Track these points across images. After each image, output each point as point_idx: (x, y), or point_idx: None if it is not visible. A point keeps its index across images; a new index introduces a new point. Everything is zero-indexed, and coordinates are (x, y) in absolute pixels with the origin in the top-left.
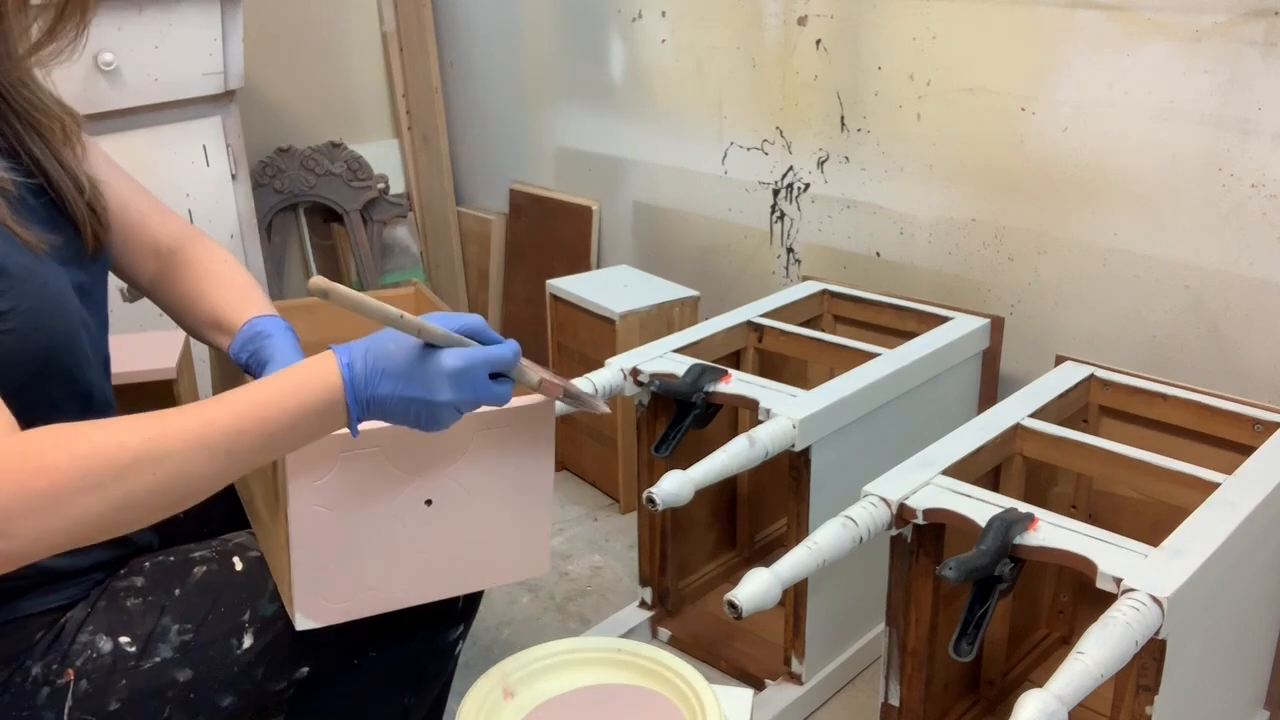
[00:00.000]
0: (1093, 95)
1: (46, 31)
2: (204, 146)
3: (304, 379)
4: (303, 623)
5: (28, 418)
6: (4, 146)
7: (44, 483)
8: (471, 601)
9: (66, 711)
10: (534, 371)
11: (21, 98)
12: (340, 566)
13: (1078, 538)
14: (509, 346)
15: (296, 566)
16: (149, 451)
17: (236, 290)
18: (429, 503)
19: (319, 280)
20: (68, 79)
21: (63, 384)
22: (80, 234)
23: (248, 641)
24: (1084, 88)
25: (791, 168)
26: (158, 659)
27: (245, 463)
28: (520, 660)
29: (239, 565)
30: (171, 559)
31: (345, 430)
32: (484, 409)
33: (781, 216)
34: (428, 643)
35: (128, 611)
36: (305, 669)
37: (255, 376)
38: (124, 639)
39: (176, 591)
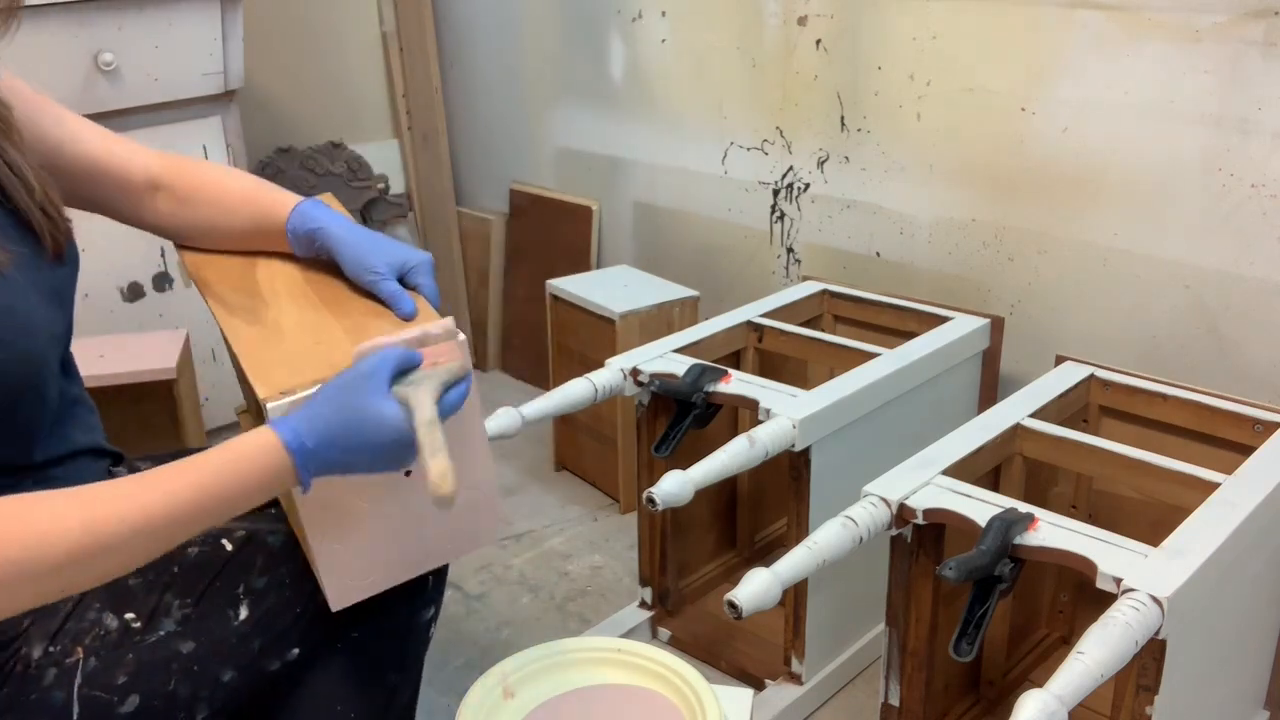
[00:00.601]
0: (1093, 95)
1: None
2: (204, 146)
3: (249, 465)
4: (337, 605)
5: (11, 435)
6: None
7: None
8: (439, 582)
9: (75, 689)
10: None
11: None
12: (353, 548)
13: (1078, 538)
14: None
15: (316, 553)
16: (87, 546)
17: (253, 195)
18: (408, 473)
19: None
20: (67, 79)
21: (31, 404)
22: (40, 239)
23: (244, 613)
24: (1084, 88)
25: (791, 168)
26: (161, 632)
27: (186, 538)
28: (520, 660)
29: (228, 546)
30: None
31: None
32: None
33: (781, 216)
34: (406, 621)
35: (130, 589)
36: (295, 650)
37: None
38: (129, 615)
39: (175, 569)
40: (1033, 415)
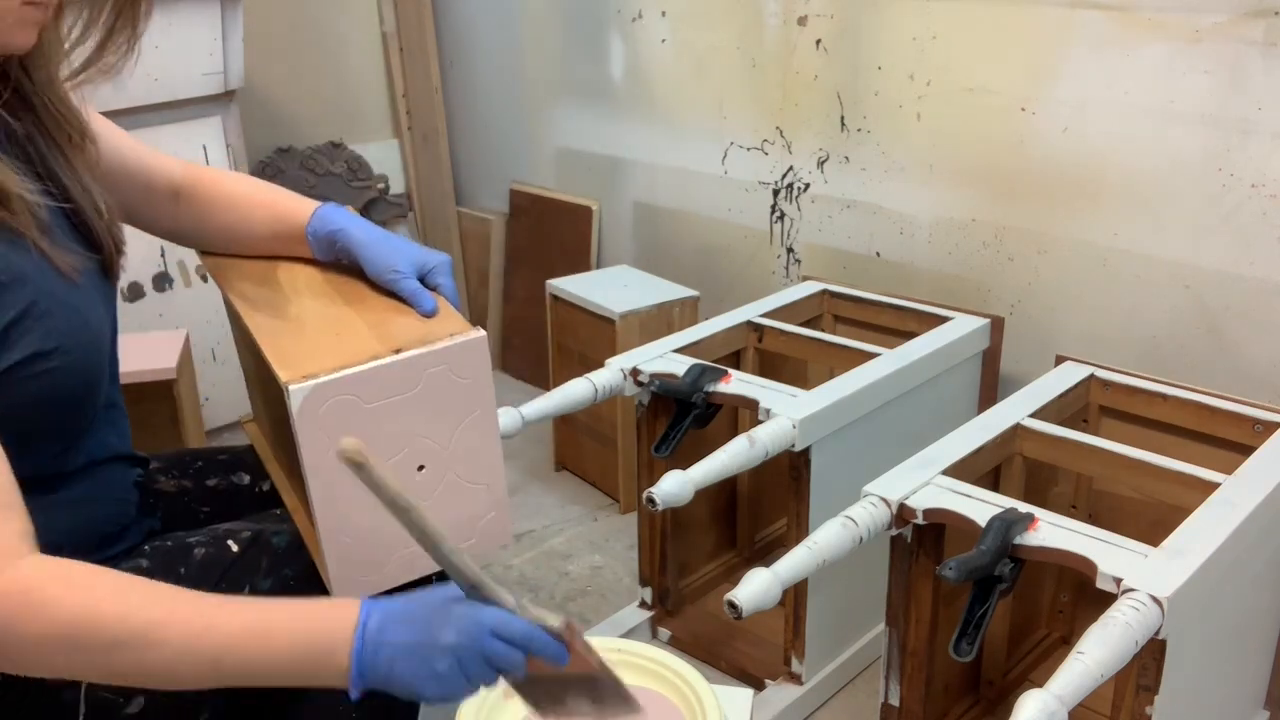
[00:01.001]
0: (1093, 95)
1: (95, 50)
2: (204, 146)
3: (318, 625)
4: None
5: (58, 443)
6: (32, 170)
7: (38, 629)
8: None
9: (83, 689)
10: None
11: (57, 115)
12: (362, 541)
13: (1078, 538)
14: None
15: (325, 545)
16: (144, 635)
17: (270, 200)
18: (421, 468)
19: (352, 446)
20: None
21: (90, 408)
22: (104, 256)
23: None
24: (1084, 88)
25: (791, 168)
26: None
27: (228, 678)
28: None
29: (234, 547)
30: (169, 543)
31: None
32: (417, 351)
33: (781, 216)
34: None
35: None
36: None
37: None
38: None
39: (182, 570)
40: (1033, 415)
